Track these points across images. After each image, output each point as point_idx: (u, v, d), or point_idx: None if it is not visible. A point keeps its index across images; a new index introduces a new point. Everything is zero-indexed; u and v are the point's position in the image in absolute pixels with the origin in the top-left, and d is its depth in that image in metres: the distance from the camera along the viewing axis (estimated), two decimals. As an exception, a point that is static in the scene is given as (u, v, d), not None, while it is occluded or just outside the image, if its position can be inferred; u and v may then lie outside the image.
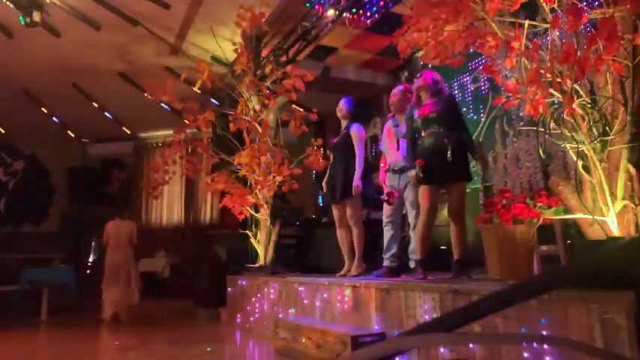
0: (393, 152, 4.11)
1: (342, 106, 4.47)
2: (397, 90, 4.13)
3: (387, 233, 4.04)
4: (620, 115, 2.07)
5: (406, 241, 4.24)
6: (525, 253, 2.74)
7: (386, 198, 4.05)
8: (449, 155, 3.27)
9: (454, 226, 3.38)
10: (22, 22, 5.81)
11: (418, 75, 3.65)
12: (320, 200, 8.24)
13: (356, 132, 4.30)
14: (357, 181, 4.14)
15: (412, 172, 3.51)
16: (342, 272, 4.36)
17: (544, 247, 3.60)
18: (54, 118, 9.78)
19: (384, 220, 4.07)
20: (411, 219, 3.92)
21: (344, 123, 4.46)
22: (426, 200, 3.39)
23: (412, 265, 3.86)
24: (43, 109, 9.32)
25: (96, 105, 9.23)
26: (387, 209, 4.06)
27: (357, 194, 4.14)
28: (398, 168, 4.02)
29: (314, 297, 3.89)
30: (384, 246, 4.05)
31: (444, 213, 4.94)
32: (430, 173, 3.39)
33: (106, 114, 9.63)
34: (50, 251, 8.16)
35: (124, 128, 10.45)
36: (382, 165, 4.29)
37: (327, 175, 4.58)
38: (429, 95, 3.53)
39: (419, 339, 0.53)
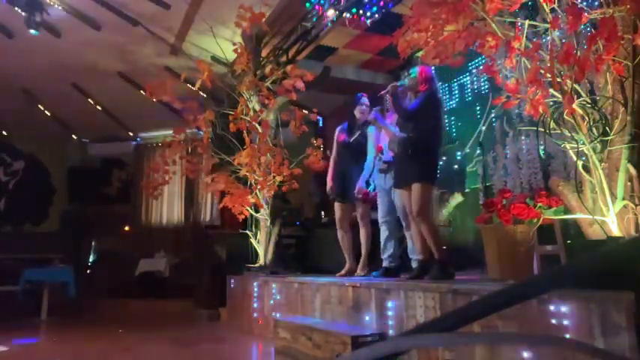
0: (380, 152, 4.10)
1: (365, 107, 4.39)
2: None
3: (383, 234, 4.04)
4: (620, 115, 2.07)
5: (405, 242, 4.24)
6: (525, 253, 2.74)
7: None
8: (404, 160, 3.41)
9: (422, 227, 3.40)
10: (35, 33, 5.86)
11: (408, 73, 3.65)
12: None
13: (371, 134, 4.28)
14: (362, 182, 4.15)
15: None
16: (343, 272, 4.36)
17: (544, 247, 3.60)
18: (54, 119, 9.78)
19: (379, 220, 4.07)
20: (402, 220, 3.91)
21: (361, 122, 4.40)
22: (404, 203, 3.55)
23: (414, 265, 3.86)
24: (43, 109, 9.32)
25: (96, 105, 9.23)
26: (380, 210, 4.06)
27: (360, 194, 4.14)
28: (384, 168, 4.02)
29: (314, 297, 3.89)
30: (381, 247, 4.05)
31: (443, 213, 4.95)
32: (396, 178, 3.55)
33: (106, 114, 9.62)
34: (50, 251, 8.15)
35: (124, 128, 10.45)
36: None
37: (333, 172, 4.53)
38: (414, 95, 3.57)
39: (419, 339, 0.53)
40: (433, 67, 3.49)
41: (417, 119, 3.42)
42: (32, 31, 5.85)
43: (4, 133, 10.47)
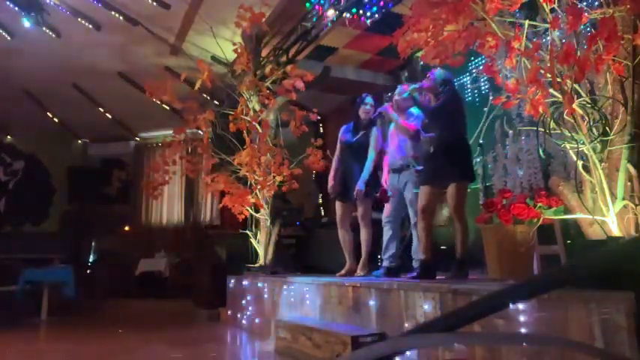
0: (392, 152, 4.11)
1: (370, 107, 4.40)
2: (402, 89, 4.12)
3: (386, 234, 4.04)
4: (620, 115, 2.07)
5: (407, 241, 4.24)
6: (525, 253, 2.74)
7: (379, 196, 4.09)
8: (438, 158, 3.36)
9: (456, 224, 3.41)
10: (29, 23, 5.83)
11: (428, 75, 3.65)
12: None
13: (376, 135, 4.28)
14: (360, 184, 4.15)
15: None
16: (343, 272, 4.36)
17: (544, 247, 3.60)
18: (54, 118, 9.78)
19: (383, 220, 4.07)
20: (412, 218, 3.93)
21: (365, 122, 4.40)
22: (420, 201, 3.49)
23: (415, 265, 3.86)
24: (43, 109, 9.32)
25: (96, 105, 9.23)
26: (386, 209, 4.07)
27: (359, 196, 4.15)
28: (397, 167, 4.03)
29: (314, 297, 3.89)
30: (383, 246, 4.06)
31: (443, 213, 4.95)
32: (428, 175, 3.46)
33: (106, 114, 9.63)
34: (50, 251, 8.15)
35: (124, 128, 10.46)
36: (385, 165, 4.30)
37: (336, 169, 4.54)
38: (434, 97, 3.56)
39: (419, 339, 0.53)
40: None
41: (441, 118, 3.43)
42: (26, 24, 5.81)
43: (5, 133, 10.47)
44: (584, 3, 2.40)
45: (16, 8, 5.91)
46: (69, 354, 4.25)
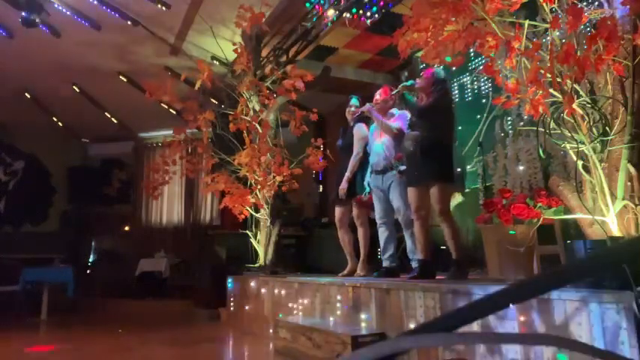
0: (375, 152, 4.10)
1: (354, 108, 4.42)
2: (383, 90, 4.14)
3: (382, 234, 4.03)
4: (620, 115, 2.07)
5: (403, 246, 4.23)
6: (525, 253, 2.74)
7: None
8: (420, 158, 3.35)
9: (444, 226, 3.39)
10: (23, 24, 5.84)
11: (421, 74, 3.65)
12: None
13: (356, 131, 4.30)
14: (343, 183, 4.16)
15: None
16: (345, 272, 4.36)
17: (544, 247, 3.60)
18: (54, 118, 9.78)
19: (377, 221, 4.07)
20: (400, 219, 3.91)
21: (350, 124, 4.44)
22: (412, 202, 3.48)
23: (414, 265, 3.85)
24: (43, 109, 9.32)
25: (96, 105, 9.23)
26: (378, 210, 4.05)
27: (341, 195, 4.16)
28: (380, 168, 4.01)
29: (314, 297, 3.89)
30: (381, 247, 4.05)
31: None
32: (411, 176, 3.47)
33: (106, 114, 9.62)
34: (50, 251, 8.16)
35: (124, 128, 10.45)
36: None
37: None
38: (425, 96, 3.55)
39: (419, 339, 0.53)
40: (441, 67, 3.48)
41: (430, 117, 3.42)
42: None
43: (5, 133, 10.46)
44: (584, 3, 2.40)
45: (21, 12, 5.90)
46: (69, 354, 4.25)
